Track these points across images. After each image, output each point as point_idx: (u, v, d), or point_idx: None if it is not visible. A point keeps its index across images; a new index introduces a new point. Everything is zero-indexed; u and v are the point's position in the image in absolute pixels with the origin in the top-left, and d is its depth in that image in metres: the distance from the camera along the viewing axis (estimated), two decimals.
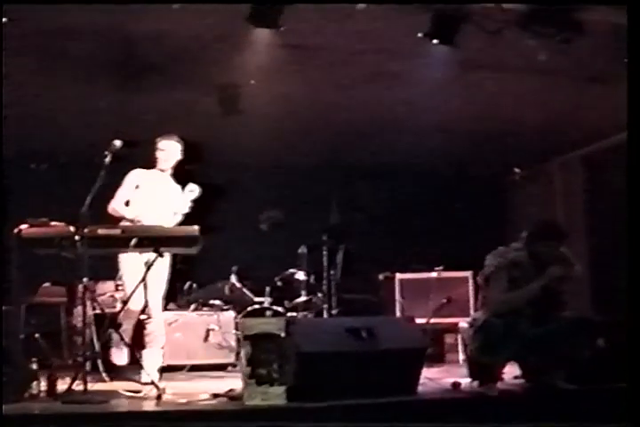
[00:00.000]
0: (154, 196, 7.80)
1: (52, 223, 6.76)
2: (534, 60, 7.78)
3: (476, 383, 6.75)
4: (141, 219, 7.47)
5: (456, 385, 6.72)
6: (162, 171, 7.97)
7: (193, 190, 7.82)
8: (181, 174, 8.07)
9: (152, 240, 6.62)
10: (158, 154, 7.93)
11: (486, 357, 6.57)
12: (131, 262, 7.39)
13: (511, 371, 7.07)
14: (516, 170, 7.87)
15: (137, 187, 7.80)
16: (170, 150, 7.98)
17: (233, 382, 6.71)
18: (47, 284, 9.51)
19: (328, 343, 6.15)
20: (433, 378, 6.98)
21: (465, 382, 6.84)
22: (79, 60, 8.41)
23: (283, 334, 5.93)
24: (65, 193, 7.53)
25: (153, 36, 8.05)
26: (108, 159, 6.91)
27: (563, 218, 11.83)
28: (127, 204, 7.75)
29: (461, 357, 9.45)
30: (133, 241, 6.55)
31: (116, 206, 7.65)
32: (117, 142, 6.97)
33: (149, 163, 7.92)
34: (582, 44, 7.57)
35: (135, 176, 7.86)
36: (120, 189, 7.77)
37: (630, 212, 6.01)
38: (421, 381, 6.56)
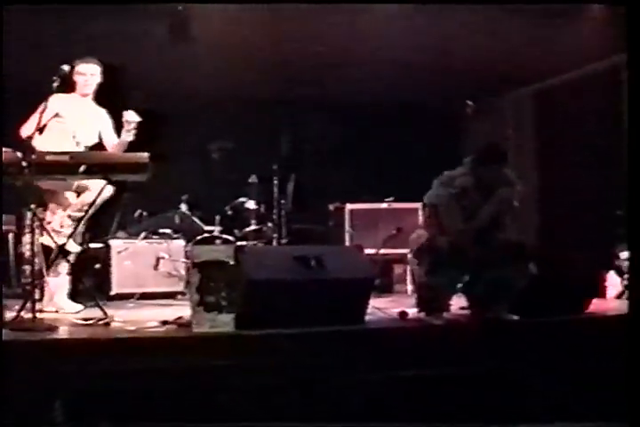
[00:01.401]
0: (75, 122, 7.51)
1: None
2: None
3: (423, 314, 6.82)
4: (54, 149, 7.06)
5: (403, 314, 6.77)
6: (83, 95, 7.63)
7: (130, 120, 7.38)
8: (114, 100, 7.88)
9: (101, 167, 6.57)
10: (77, 78, 7.54)
11: (434, 278, 6.65)
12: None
13: (458, 303, 7.18)
14: (469, 102, 7.85)
15: (56, 114, 7.39)
16: (90, 74, 7.61)
17: (182, 310, 6.73)
18: None
19: (277, 271, 6.17)
20: (381, 308, 7.03)
21: (412, 311, 6.92)
22: None
23: (232, 262, 5.94)
24: (10, 120, 7.39)
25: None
26: (55, 84, 6.80)
27: (514, 153, 11.92)
28: (40, 131, 7.15)
29: (410, 287, 9.53)
30: (82, 168, 6.48)
31: (25, 133, 7.06)
32: (65, 67, 6.85)
33: (67, 88, 7.46)
34: None
35: (54, 102, 7.21)
36: (35, 113, 7.05)
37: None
38: (369, 310, 6.62)
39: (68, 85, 7.34)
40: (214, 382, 5.57)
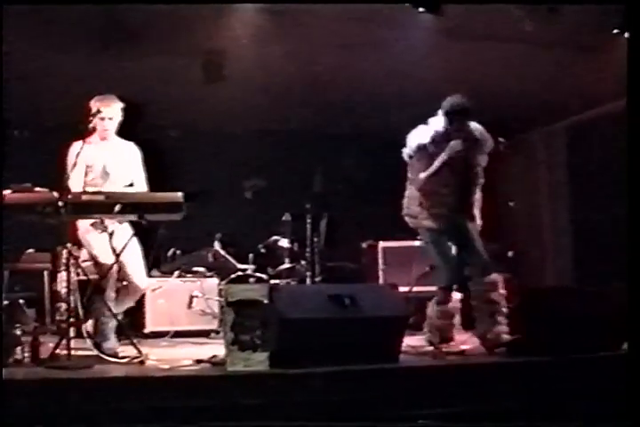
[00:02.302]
0: (102, 168, 7.27)
1: (36, 189, 6.73)
2: (520, 29, 7.78)
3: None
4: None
5: (438, 353, 6.77)
6: (102, 139, 7.35)
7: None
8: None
9: (135, 207, 6.61)
10: (104, 123, 7.23)
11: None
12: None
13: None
14: (501, 139, 7.84)
15: (82, 164, 7.09)
16: (109, 118, 7.29)
17: (216, 349, 6.75)
18: (31, 250, 9.49)
19: (311, 310, 6.18)
20: (415, 346, 7.01)
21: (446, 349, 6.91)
22: (60, 26, 8.37)
23: (266, 301, 5.96)
24: (47, 160, 7.46)
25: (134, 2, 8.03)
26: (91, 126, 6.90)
27: (546, 189, 11.89)
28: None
29: None
30: (117, 207, 6.52)
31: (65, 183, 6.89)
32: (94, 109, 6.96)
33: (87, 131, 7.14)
34: (568, 14, 7.57)
35: (77, 150, 6.96)
36: (69, 169, 7.01)
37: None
38: (403, 348, 6.61)
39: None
40: (249, 420, 5.56)
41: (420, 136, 7.50)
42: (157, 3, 7.95)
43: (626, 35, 8.11)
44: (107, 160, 7.26)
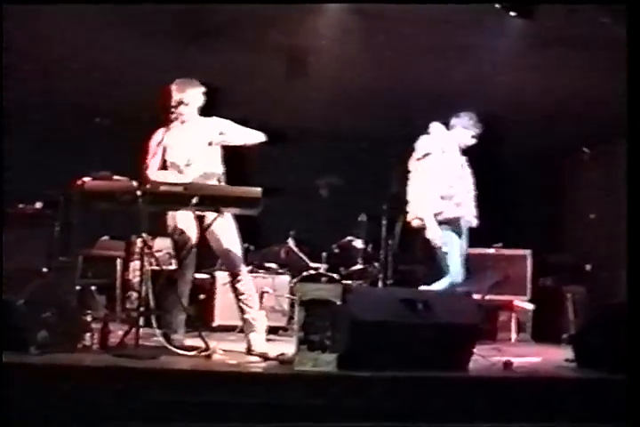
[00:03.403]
0: (184, 154, 7.21)
1: (115, 177, 6.75)
2: (609, 35, 7.63)
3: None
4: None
5: (508, 364, 6.64)
6: (182, 123, 7.25)
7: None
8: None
9: (213, 200, 6.59)
10: (183, 108, 7.19)
11: None
12: (184, 219, 7.14)
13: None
14: (585, 149, 7.71)
15: (165, 150, 7.09)
16: (196, 100, 7.30)
17: (283, 346, 6.72)
18: (105, 237, 9.57)
19: (383, 313, 6.11)
20: (485, 355, 6.90)
21: (517, 361, 6.78)
22: (147, 18, 8.41)
23: (338, 302, 5.90)
24: (127, 149, 7.48)
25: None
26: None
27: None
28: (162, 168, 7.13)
29: (514, 336, 9.38)
30: (194, 200, 6.51)
31: (152, 176, 6.90)
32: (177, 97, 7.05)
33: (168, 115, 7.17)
34: None
35: (161, 136, 7.06)
36: (150, 156, 7.05)
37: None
38: (473, 357, 6.51)
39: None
40: (311, 421, 5.51)
41: (427, 145, 7.99)
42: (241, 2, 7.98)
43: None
44: (187, 143, 7.20)
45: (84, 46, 8.80)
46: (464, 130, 8.16)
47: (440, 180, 7.88)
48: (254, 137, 7.37)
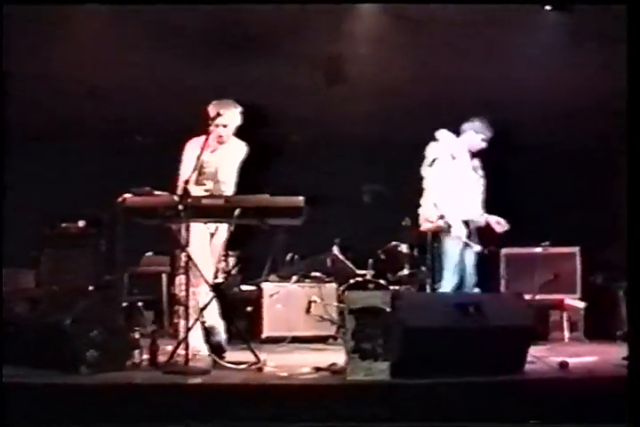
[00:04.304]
0: (215, 167, 7.27)
1: (156, 193, 6.73)
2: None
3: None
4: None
5: (564, 364, 6.52)
6: (220, 143, 7.30)
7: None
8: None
9: (256, 211, 6.54)
10: (220, 130, 7.19)
11: None
12: (196, 233, 7.04)
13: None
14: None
15: (200, 160, 6.98)
16: (233, 121, 7.29)
17: (333, 355, 6.66)
18: (150, 253, 9.56)
19: (435, 319, 6.02)
20: (540, 357, 6.78)
21: (573, 361, 6.66)
22: (180, 33, 8.41)
23: (388, 309, 5.82)
24: (167, 164, 7.46)
25: (255, 9, 8.01)
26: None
27: None
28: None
29: (567, 335, 9.25)
30: (237, 211, 6.45)
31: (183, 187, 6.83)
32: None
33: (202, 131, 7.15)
34: None
35: (195, 148, 7.05)
36: (189, 159, 7.11)
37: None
38: (528, 359, 6.39)
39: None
40: None
41: (435, 151, 8.11)
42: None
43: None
44: (219, 164, 7.25)
45: (118, 64, 8.83)
46: (475, 134, 8.31)
47: (451, 184, 8.09)
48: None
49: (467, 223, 8.17)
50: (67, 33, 8.64)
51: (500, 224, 8.38)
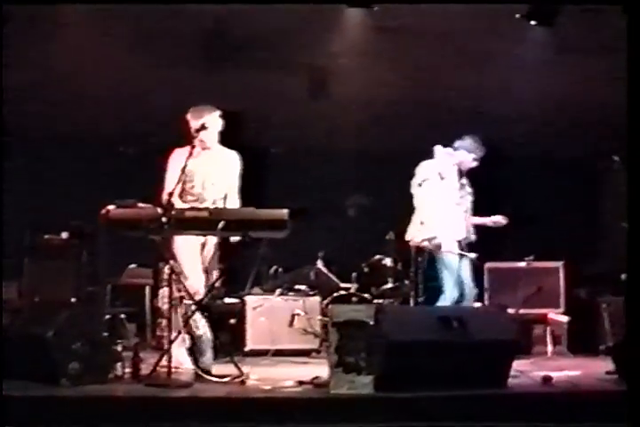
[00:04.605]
0: (201, 178, 7.14)
1: (140, 205, 6.71)
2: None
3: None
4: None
5: (547, 379, 6.52)
6: (204, 149, 7.17)
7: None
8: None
9: (240, 224, 6.51)
10: (202, 134, 7.03)
11: None
12: (186, 245, 7.03)
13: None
14: (615, 158, 7.61)
15: (187, 175, 6.97)
16: (214, 126, 7.17)
17: (316, 369, 6.63)
18: (133, 265, 9.52)
19: (418, 332, 6.01)
20: (523, 371, 6.78)
21: (556, 375, 6.66)
22: (165, 41, 8.41)
23: (372, 322, 5.81)
24: (151, 176, 7.43)
25: (241, 17, 8.00)
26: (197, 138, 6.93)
27: None
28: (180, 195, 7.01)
29: (550, 349, 9.25)
30: (221, 224, 6.43)
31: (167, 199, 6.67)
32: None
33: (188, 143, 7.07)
34: None
35: (179, 158, 6.93)
36: (172, 171, 7.01)
37: None
38: (511, 373, 6.37)
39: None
40: None
41: (426, 171, 8.17)
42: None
43: None
44: (207, 170, 7.15)
45: (105, 73, 8.82)
46: (467, 153, 8.37)
47: (439, 204, 8.18)
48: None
49: (458, 241, 8.28)
50: (45, 42, 8.61)
51: (498, 222, 8.67)
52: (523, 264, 9.64)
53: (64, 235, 8.80)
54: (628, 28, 6.27)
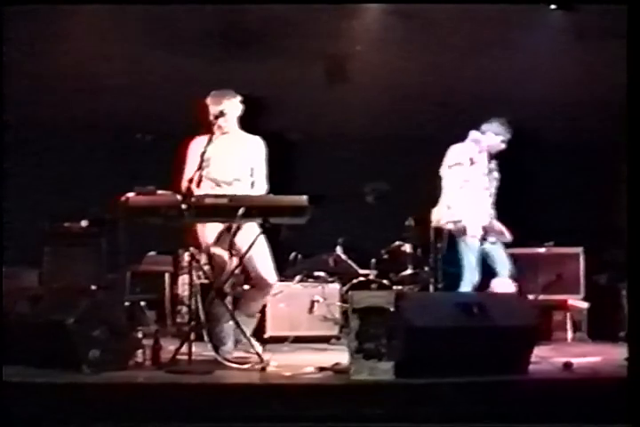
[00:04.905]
0: (220, 165, 7.12)
1: (159, 192, 6.70)
2: None
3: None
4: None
5: (568, 365, 6.50)
6: (223, 134, 7.17)
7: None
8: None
9: (260, 210, 6.51)
10: (222, 118, 7.05)
11: None
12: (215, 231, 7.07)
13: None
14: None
15: (207, 160, 6.87)
16: (234, 110, 7.20)
17: (336, 355, 6.64)
18: (152, 252, 9.53)
19: (439, 318, 5.99)
20: (544, 357, 6.76)
21: (577, 361, 6.64)
22: (179, 29, 8.40)
23: (392, 308, 5.80)
24: (170, 163, 7.43)
25: (257, 5, 7.99)
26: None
27: None
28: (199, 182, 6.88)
29: (570, 335, 9.24)
30: (241, 211, 6.42)
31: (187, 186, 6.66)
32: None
33: (204, 128, 7.09)
34: None
35: (199, 146, 6.93)
36: (193, 158, 7.01)
37: None
38: (533, 359, 6.36)
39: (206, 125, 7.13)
40: None
41: (458, 155, 8.28)
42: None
43: None
44: (227, 154, 7.13)
45: (122, 61, 8.83)
46: (495, 136, 8.39)
47: (467, 189, 8.23)
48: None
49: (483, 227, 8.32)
50: (63, 31, 8.62)
51: (502, 235, 8.43)
52: (542, 250, 9.62)
53: (83, 223, 8.82)
54: (629, 24, 6.23)
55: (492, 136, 8.37)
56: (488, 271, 8.31)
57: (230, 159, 7.15)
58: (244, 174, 7.21)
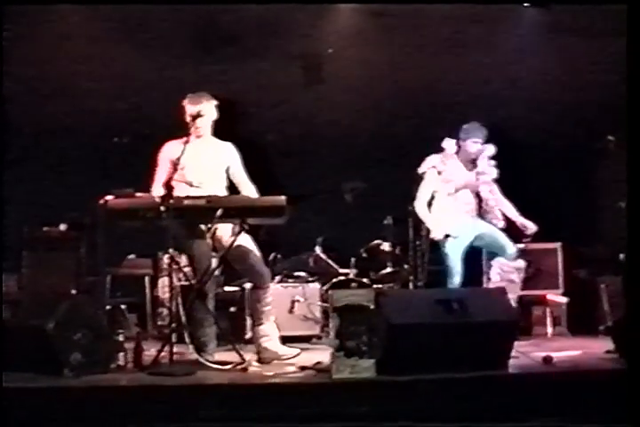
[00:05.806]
0: (195, 169, 7.06)
1: (138, 194, 6.70)
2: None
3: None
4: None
5: (548, 359, 6.54)
6: (198, 137, 7.11)
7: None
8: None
9: (238, 211, 6.52)
10: (197, 121, 7.01)
11: None
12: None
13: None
14: (610, 137, 7.62)
15: (176, 164, 6.87)
16: (209, 114, 7.16)
17: (318, 354, 6.66)
18: (132, 255, 9.51)
19: (419, 315, 6.03)
20: (524, 352, 6.79)
21: (557, 355, 6.68)
22: (159, 32, 8.40)
23: (372, 306, 5.83)
24: (147, 165, 7.42)
25: (232, 6, 8.00)
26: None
27: None
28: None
29: (550, 330, 9.27)
30: (219, 212, 6.44)
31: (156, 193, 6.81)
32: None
33: (180, 131, 7.05)
34: None
35: (171, 150, 7.01)
36: (164, 162, 7.06)
37: None
38: (512, 354, 6.39)
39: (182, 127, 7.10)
40: None
41: (427, 164, 8.29)
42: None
43: None
44: (202, 158, 7.09)
45: (98, 64, 8.82)
46: (472, 143, 8.34)
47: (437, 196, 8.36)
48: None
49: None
50: (37, 33, 8.62)
51: (526, 228, 8.64)
52: (521, 246, 9.64)
53: (62, 227, 8.79)
54: (629, 25, 6.26)
55: (468, 143, 8.33)
56: (474, 269, 8.36)
57: (205, 163, 7.12)
58: (219, 178, 7.20)
